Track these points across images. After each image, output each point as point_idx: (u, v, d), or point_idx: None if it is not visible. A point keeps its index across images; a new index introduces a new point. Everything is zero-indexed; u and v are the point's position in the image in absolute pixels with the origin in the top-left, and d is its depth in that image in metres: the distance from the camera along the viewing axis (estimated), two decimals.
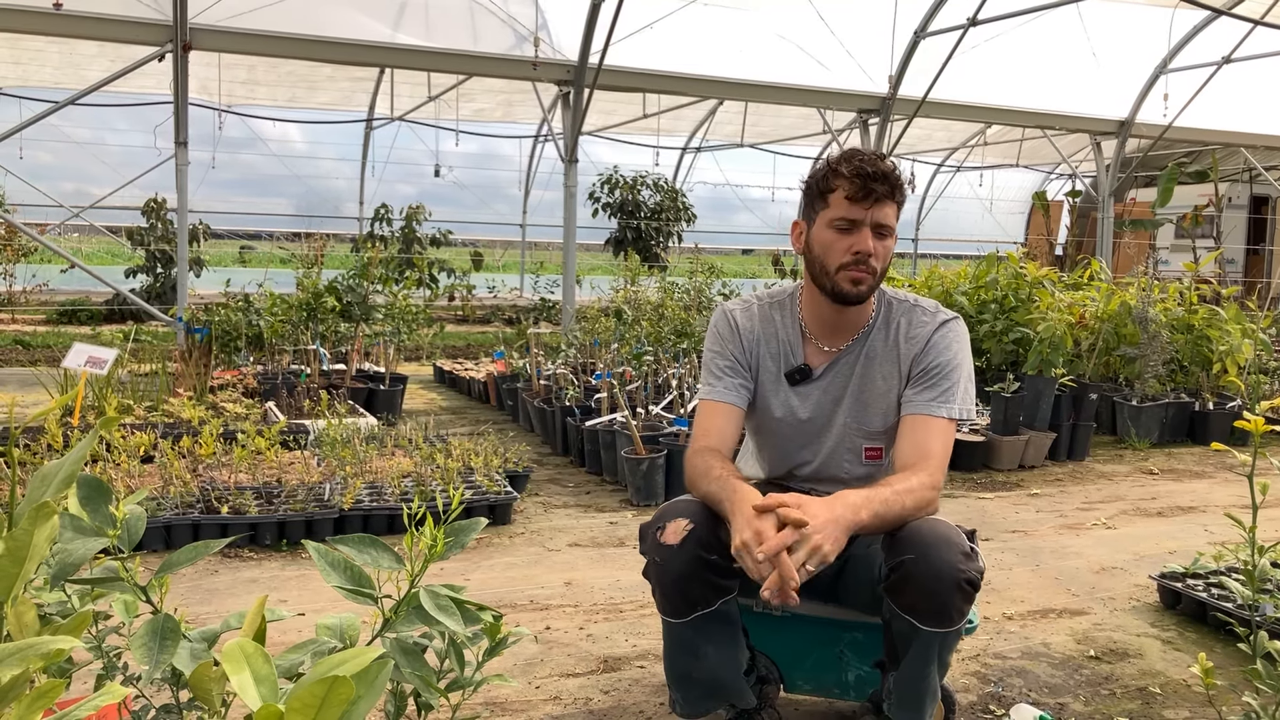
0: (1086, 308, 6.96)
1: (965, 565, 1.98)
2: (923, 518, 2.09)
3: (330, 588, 1.46)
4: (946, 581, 1.96)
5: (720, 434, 2.33)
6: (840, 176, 2.21)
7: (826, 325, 2.39)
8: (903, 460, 2.25)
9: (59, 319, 12.61)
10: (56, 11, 7.62)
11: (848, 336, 2.39)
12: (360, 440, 5.02)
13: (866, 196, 2.19)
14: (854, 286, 2.25)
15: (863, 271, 2.23)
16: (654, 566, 2.13)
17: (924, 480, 2.13)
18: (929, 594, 1.98)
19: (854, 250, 2.21)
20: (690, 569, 2.07)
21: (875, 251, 2.23)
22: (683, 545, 2.06)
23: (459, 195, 16.99)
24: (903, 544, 2.03)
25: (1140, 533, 4.69)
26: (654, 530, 2.14)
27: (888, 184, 2.20)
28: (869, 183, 2.18)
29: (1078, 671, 3.07)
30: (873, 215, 2.21)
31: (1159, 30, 11.60)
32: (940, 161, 18.77)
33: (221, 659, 1.09)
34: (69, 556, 1.34)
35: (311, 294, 7.65)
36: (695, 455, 2.28)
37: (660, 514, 2.18)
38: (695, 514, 2.12)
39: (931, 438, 2.24)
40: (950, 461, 6.66)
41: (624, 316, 7.77)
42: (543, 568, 3.96)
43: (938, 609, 1.98)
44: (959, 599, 1.98)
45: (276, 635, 3.02)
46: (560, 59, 9.69)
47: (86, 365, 5.27)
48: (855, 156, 2.23)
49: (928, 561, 1.97)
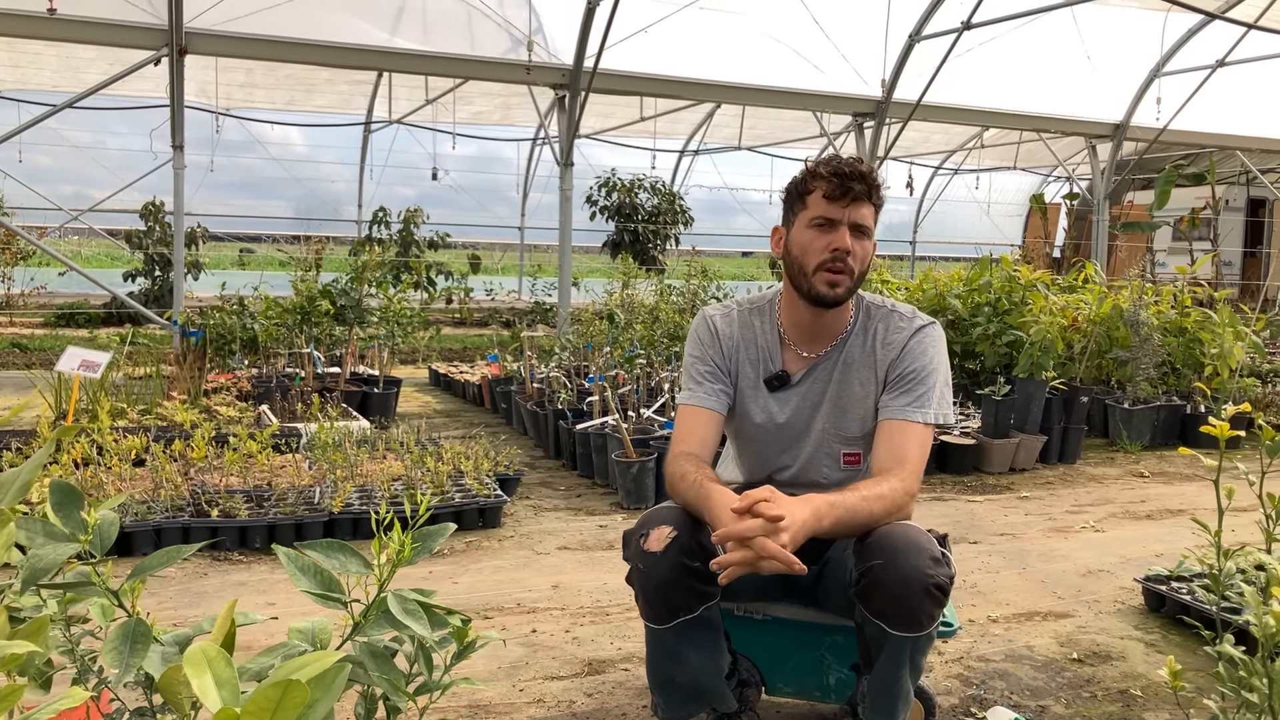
0: (1079, 311, 6.97)
1: (934, 570, 1.99)
2: (893, 523, 2.11)
3: (301, 592, 1.48)
4: (915, 587, 1.98)
5: (700, 439, 2.35)
6: (818, 177, 2.25)
7: (805, 331, 2.41)
8: (879, 465, 2.26)
9: (57, 322, 12.64)
10: (51, 16, 7.64)
11: (826, 343, 2.41)
12: (352, 444, 5.03)
13: (844, 195, 2.23)
14: (830, 289, 2.27)
15: (840, 272, 2.25)
16: (637, 573, 2.14)
17: (896, 486, 2.14)
18: (898, 599, 1.99)
19: (832, 248, 2.24)
20: (673, 576, 2.08)
21: (853, 251, 2.25)
22: (666, 552, 2.08)
23: (457, 198, 17.03)
24: (872, 549, 2.04)
25: (1128, 536, 4.71)
26: (637, 537, 2.16)
27: (865, 184, 2.23)
28: (846, 181, 2.22)
29: (1060, 674, 3.09)
30: (850, 215, 2.24)
31: (1153, 34, 11.63)
32: (938, 164, 18.79)
33: (184, 663, 1.10)
34: (40, 561, 1.36)
35: (306, 297, 7.67)
36: (674, 461, 2.30)
37: (643, 521, 2.20)
38: (678, 521, 2.14)
39: (908, 443, 2.25)
40: (940, 464, 6.58)
41: (617, 320, 7.79)
42: (531, 571, 3.97)
43: (907, 614, 2.00)
44: (928, 604, 1.99)
45: (262, 638, 3.04)
46: (555, 63, 9.71)
47: (80, 369, 5.29)
48: (833, 159, 2.27)
49: (896, 567, 1.99)
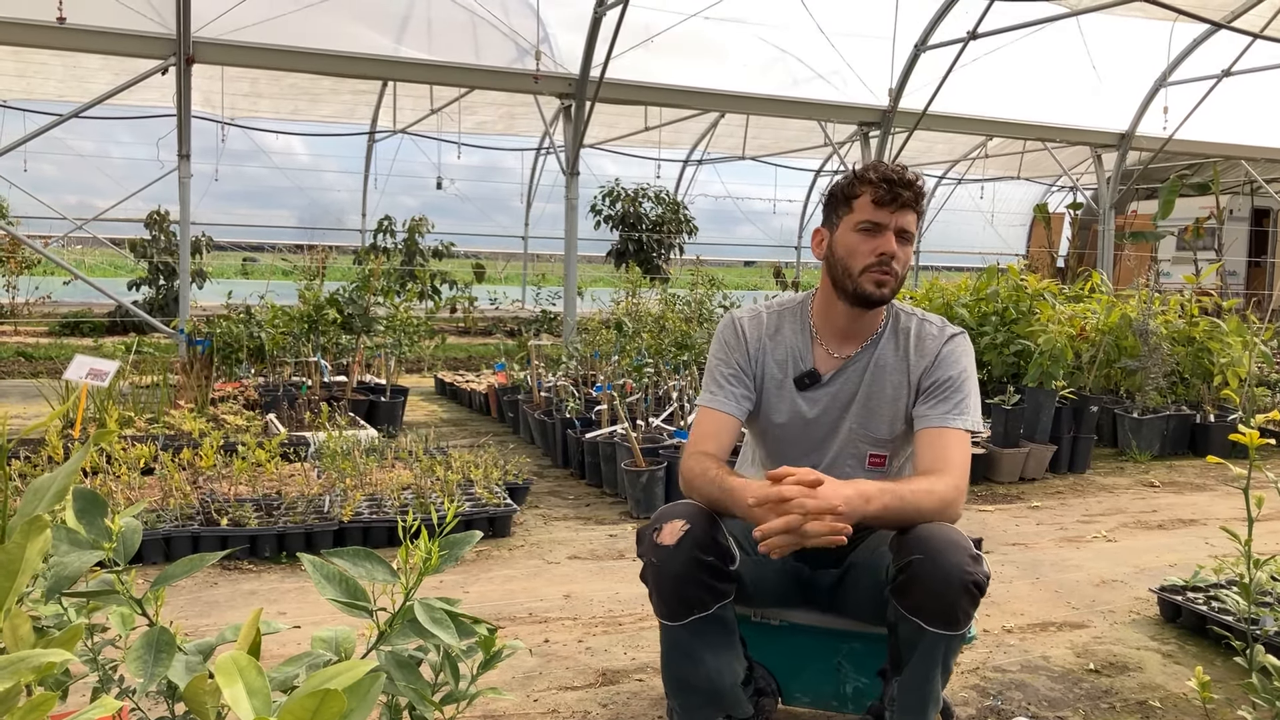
0: (1087, 320, 6.96)
1: (973, 568, 2.01)
2: (932, 523, 2.10)
3: (328, 600, 1.46)
4: (954, 583, 1.99)
5: (718, 441, 2.35)
6: (866, 183, 2.29)
7: (839, 331, 2.42)
8: (924, 469, 2.27)
9: (62, 331, 12.64)
10: (60, 25, 7.65)
11: (858, 343, 2.42)
12: (360, 452, 5.02)
13: (893, 201, 2.26)
14: (878, 289, 2.30)
15: (886, 274, 2.29)
16: (650, 568, 2.14)
17: (948, 484, 2.16)
18: (936, 595, 2.00)
19: (879, 252, 2.28)
20: (687, 570, 2.08)
21: (898, 255, 2.29)
22: (679, 546, 2.08)
23: (461, 207, 17.03)
24: (910, 546, 2.05)
25: (1141, 545, 4.69)
26: (651, 532, 2.16)
27: (912, 191, 2.28)
28: (895, 188, 2.26)
29: (1077, 685, 3.06)
30: (897, 220, 2.28)
31: (1159, 43, 11.63)
32: (942, 174, 18.80)
33: (215, 672, 1.09)
34: (64, 570, 1.35)
35: (313, 306, 7.67)
36: (691, 459, 2.31)
37: (658, 516, 2.20)
38: (692, 515, 2.14)
39: (951, 448, 2.27)
40: None
41: (624, 329, 7.77)
42: (542, 580, 3.95)
43: (945, 610, 2.01)
44: (966, 601, 2.01)
45: (275, 648, 3.02)
46: (562, 72, 9.72)
47: (88, 377, 5.28)
48: (880, 165, 2.32)
49: (935, 563, 2.00)
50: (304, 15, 8.79)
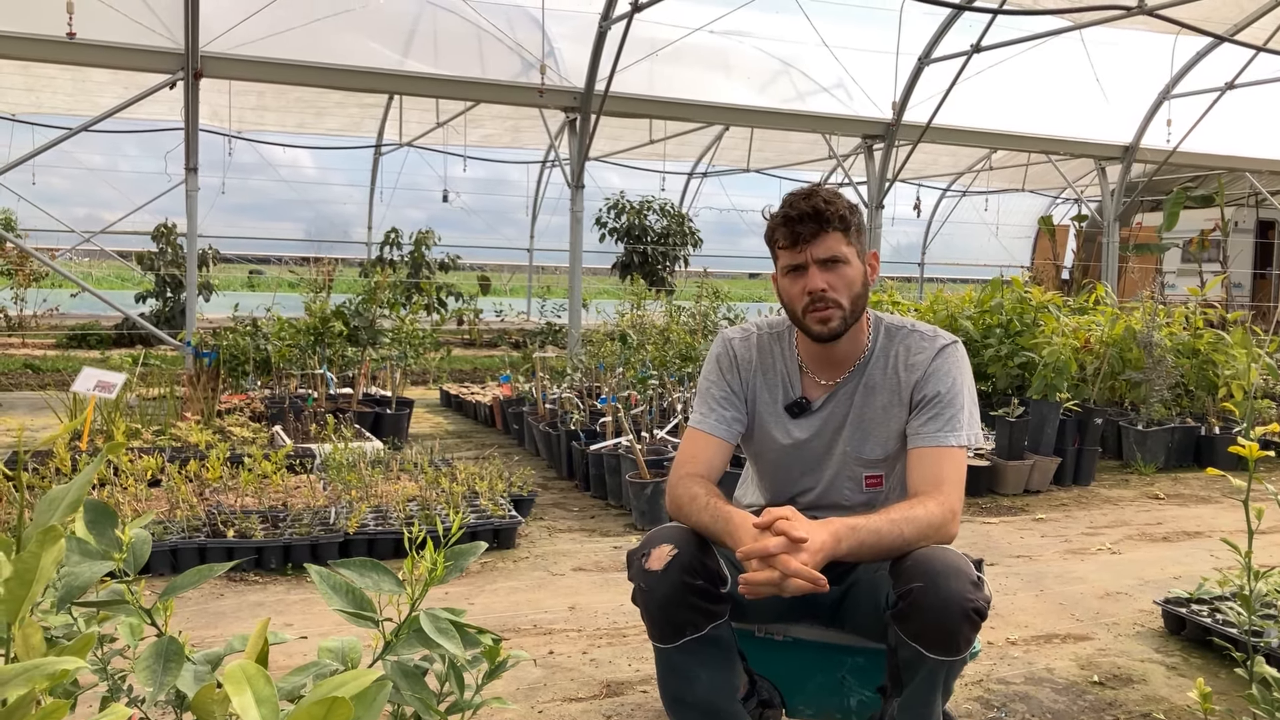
0: (1092, 332, 6.96)
1: (973, 594, 1.98)
2: (931, 546, 2.09)
3: (333, 611, 1.48)
4: (955, 611, 1.96)
5: (707, 464, 2.34)
6: (777, 226, 2.28)
7: (820, 360, 2.41)
8: (915, 491, 2.24)
9: (69, 343, 12.69)
10: (70, 40, 7.72)
11: (844, 369, 2.40)
12: (366, 464, 5.04)
13: (796, 241, 2.24)
14: (822, 325, 2.27)
15: (824, 309, 2.25)
16: (640, 593, 2.14)
17: (931, 508, 2.12)
18: (937, 623, 1.97)
19: (806, 291, 2.25)
20: (675, 594, 2.08)
21: (830, 285, 2.24)
22: (667, 570, 2.08)
23: (467, 220, 17.09)
24: (910, 572, 2.02)
25: (1145, 558, 4.68)
26: (639, 556, 2.15)
27: (814, 222, 2.23)
28: (794, 226, 2.24)
29: (1081, 697, 3.07)
30: (813, 253, 2.24)
31: (1162, 56, 11.67)
32: (946, 186, 18.84)
33: (224, 681, 1.10)
34: (75, 579, 1.36)
35: (319, 318, 7.70)
36: (680, 483, 2.28)
37: (646, 540, 2.19)
38: (680, 539, 2.13)
39: (942, 466, 2.23)
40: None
41: (629, 341, 7.79)
42: (546, 592, 3.96)
43: (945, 638, 1.98)
44: (967, 628, 1.98)
45: (281, 658, 3.03)
46: (567, 85, 9.77)
47: (95, 390, 5.31)
48: (785, 202, 2.29)
49: (936, 591, 1.97)
50: (311, 30, 8.86)
